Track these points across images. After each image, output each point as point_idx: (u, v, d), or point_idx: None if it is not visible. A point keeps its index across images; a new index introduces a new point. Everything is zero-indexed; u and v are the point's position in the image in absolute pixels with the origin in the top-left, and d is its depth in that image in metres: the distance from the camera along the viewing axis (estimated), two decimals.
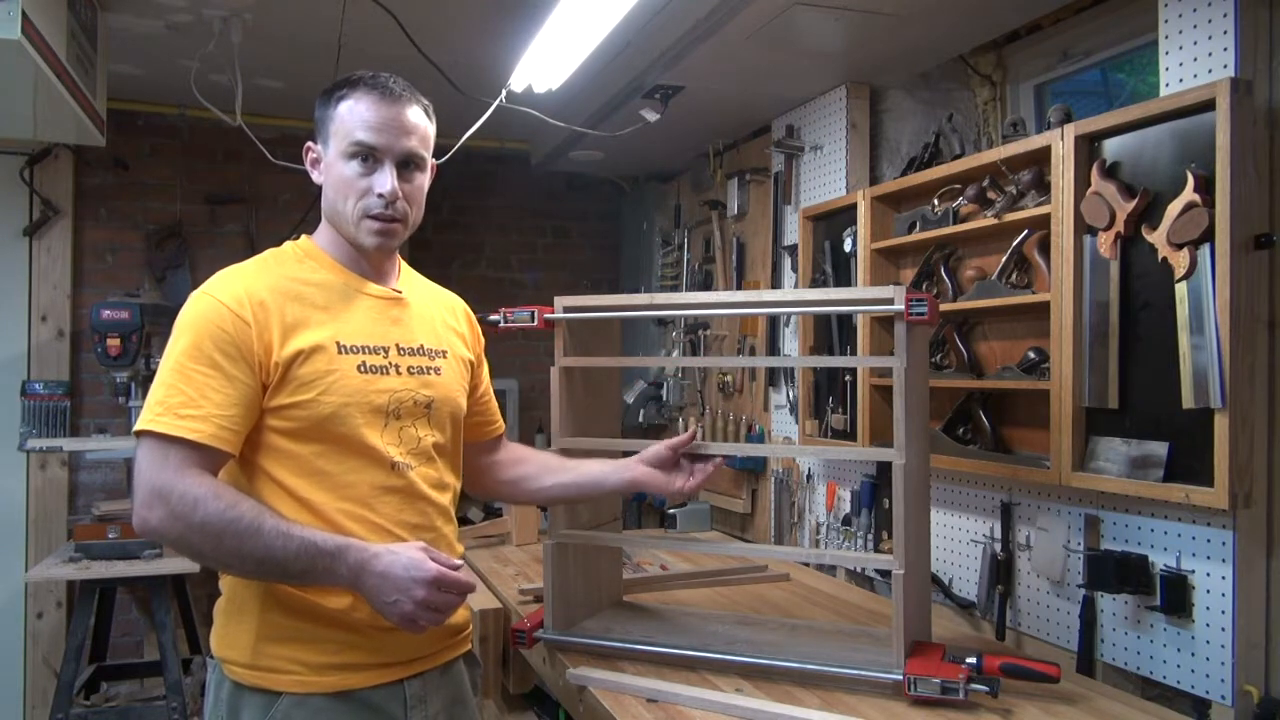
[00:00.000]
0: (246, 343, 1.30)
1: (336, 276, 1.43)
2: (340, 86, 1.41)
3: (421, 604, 1.27)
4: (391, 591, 1.26)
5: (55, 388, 3.46)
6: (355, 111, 1.38)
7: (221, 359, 1.29)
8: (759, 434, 3.21)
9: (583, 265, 4.65)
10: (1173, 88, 1.70)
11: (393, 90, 1.40)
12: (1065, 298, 1.84)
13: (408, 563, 1.27)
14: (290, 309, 1.35)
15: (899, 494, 1.62)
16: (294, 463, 1.34)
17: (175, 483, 1.23)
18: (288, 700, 1.31)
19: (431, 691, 1.44)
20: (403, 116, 1.40)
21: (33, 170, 3.58)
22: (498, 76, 2.75)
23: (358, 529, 1.35)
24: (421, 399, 1.44)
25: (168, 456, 1.25)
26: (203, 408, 1.26)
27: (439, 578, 1.28)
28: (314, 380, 1.33)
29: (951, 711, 1.53)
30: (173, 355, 1.30)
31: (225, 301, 1.32)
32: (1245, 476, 1.56)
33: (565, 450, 1.88)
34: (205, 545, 1.24)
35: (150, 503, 1.23)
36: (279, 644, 1.33)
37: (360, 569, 1.27)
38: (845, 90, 2.72)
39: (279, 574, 1.28)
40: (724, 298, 2.01)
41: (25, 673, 3.56)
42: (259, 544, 1.23)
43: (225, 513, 1.22)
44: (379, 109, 1.38)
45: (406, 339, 1.46)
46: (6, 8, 1.87)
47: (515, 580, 2.47)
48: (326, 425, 1.33)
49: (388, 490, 1.38)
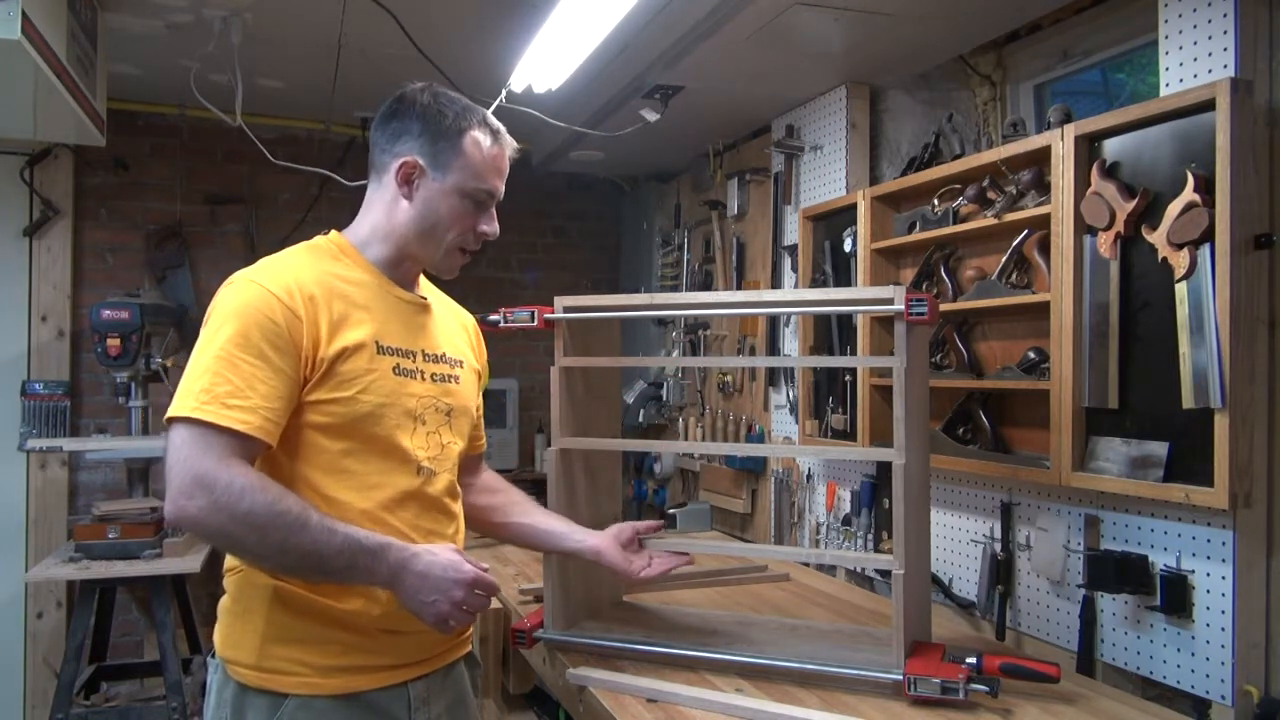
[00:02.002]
0: (296, 335, 1.30)
1: (371, 277, 1.44)
2: (461, 118, 1.43)
3: (458, 604, 1.30)
4: (430, 592, 1.29)
5: (55, 388, 3.46)
6: (488, 157, 1.45)
7: (270, 350, 1.27)
8: (759, 434, 3.21)
9: (583, 265, 4.65)
10: (1173, 88, 1.70)
11: (506, 138, 1.49)
12: (1065, 298, 1.84)
13: (446, 564, 1.30)
14: (336, 305, 1.36)
15: (899, 494, 1.61)
16: (322, 458, 1.34)
17: (220, 472, 1.21)
18: (294, 702, 1.31)
19: (435, 693, 1.45)
20: (508, 163, 1.50)
21: (33, 170, 3.58)
22: (498, 76, 2.75)
23: (376, 530, 1.35)
24: (443, 406, 1.46)
25: (210, 445, 1.22)
26: (250, 398, 1.25)
27: (476, 578, 1.31)
28: (355, 378, 1.34)
29: (951, 711, 1.53)
30: (217, 341, 1.27)
31: (276, 292, 1.30)
32: (1245, 476, 1.56)
33: (565, 450, 1.88)
34: (249, 537, 1.23)
35: (191, 491, 1.21)
36: (286, 645, 1.33)
37: (401, 568, 1.28)
38: (845, 90, 2.72)
39: (318, 569, 1.27)
40: (724, 298, 2.01)
41: (25, 673, 3.56)
42: (305, 538, 1.23)
43: (273, 505, 1.22)
44: (502, 157, 1.48)
45: (431, 346, 1.48)
46: (6, 8, 1.87)
47: (515, 580, 2.47)
48: (362, 424, 1.34)
49: (410, 495, 1.40)
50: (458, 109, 1.44)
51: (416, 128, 1.42)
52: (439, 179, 1.42)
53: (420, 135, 1.42)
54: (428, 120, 1.42)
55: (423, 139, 1.42)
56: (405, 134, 1.43)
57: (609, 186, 4.51)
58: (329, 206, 3.96)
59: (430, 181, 1.42)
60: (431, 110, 1.43)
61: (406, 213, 1.43)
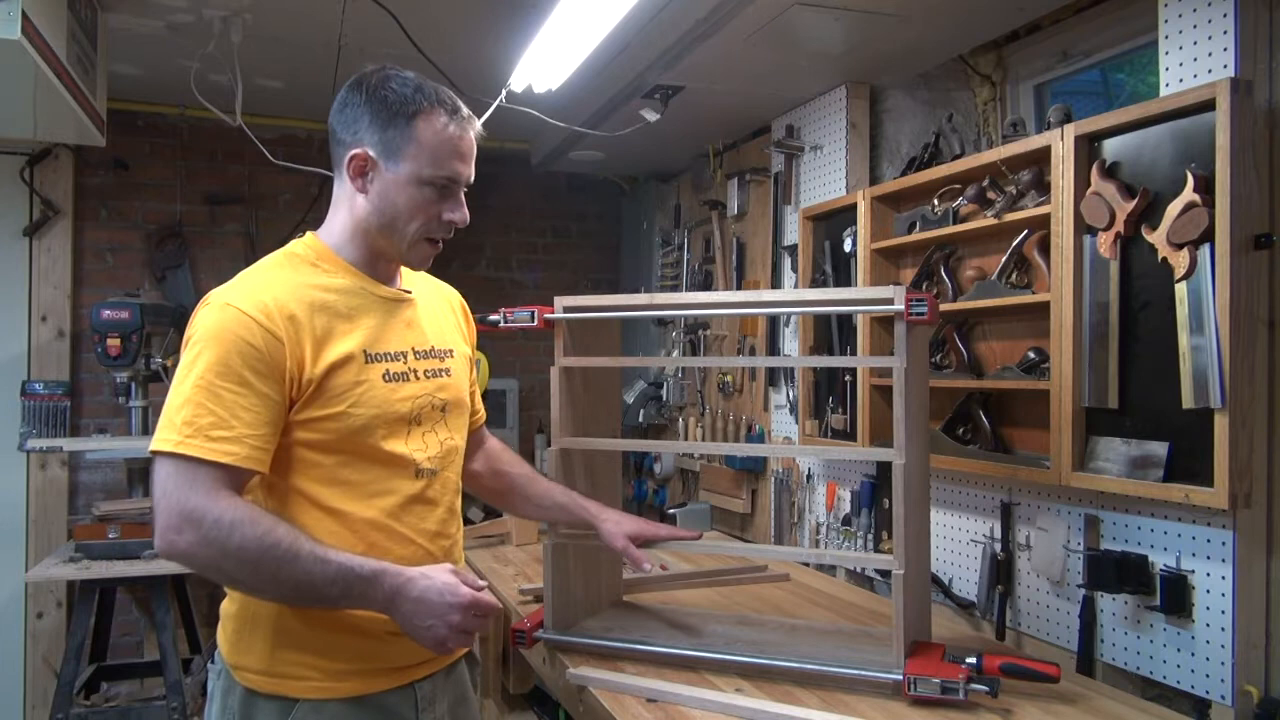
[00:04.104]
0: (278, 358, 1.26)
1: (353, 281, 1.39)
2: (410, 102, 1.33)
3: (455, 628, 1.27)
4: (427, 616, 1.26)
5: (55, 388, 3.45)
6: (443, 140, 1.34)
7: (251, 376, 1.24)
8: (759, 434, 3.21)
9: (583, 265, 4.65)
10: (1173, 88, 1.70)
11: (465, 116, 1.38)
12: (1065, 298, 1.84)
13: (443, 588, 1.27)
14: (318, 321, 1.31)
15: (899, 494, 1.62)
16: (318, 471, 1.32)
17: (208, 507, 1.19)
18: (304, 706, 1.31)
19: (439, 691, 1.45)
20: (472, 144, 1.39)
21: (33, 170, 3.58)
22: (498, 76, 2.75)
23: (383, 539, 1.35)
24: (438, 402, 1.44)
25: (196, 478, 1.21)
26: (234, 428, 1.22)
27: (474, 602, 1.28)
28: (344, 392, 1.31)
29: (951, 711, 1.53)
30: (197, 369, 1.24)
31: (254, 315, 1.26)
32: (1245, 476, 1.56)
33: (565, 450, 1.88)
34: (240, 571, 1.22)
35: (179, 527, 1.20)
36: (296, 651, 1.32)
37: (396, 593, 1.26)
38: (845, 90, 2.72)
39: (313, 599, 1.26)
40: (724, 298, 2.01)
41: (25, 673, 3.56)
42: (297, 569, 1.21)
43: (263, 539, 1.20)
44: (463, 139, 1.36)
45: (420, 342, 1.44)
46: (6, 8, 1.87)
47: (515, 580, 2.47)
48: (355, 437, 1.32)
49: (412, 500, 1.39)
50: (407, 91, 1.33)
51: (366, 116, 1.34)
52: (392, 169, 1.34)
53: (370, 124, 1.34)
54: (375, 106, 1.33)
55: (373, 128, 1.33)
56: (356, 123, 1.35)
57: (609, 186, 4.51)
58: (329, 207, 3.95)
59: (384, 173, 1.34)
60: (379, 95, 1.33)
61: (364, 208, 1.36)
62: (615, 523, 1.79)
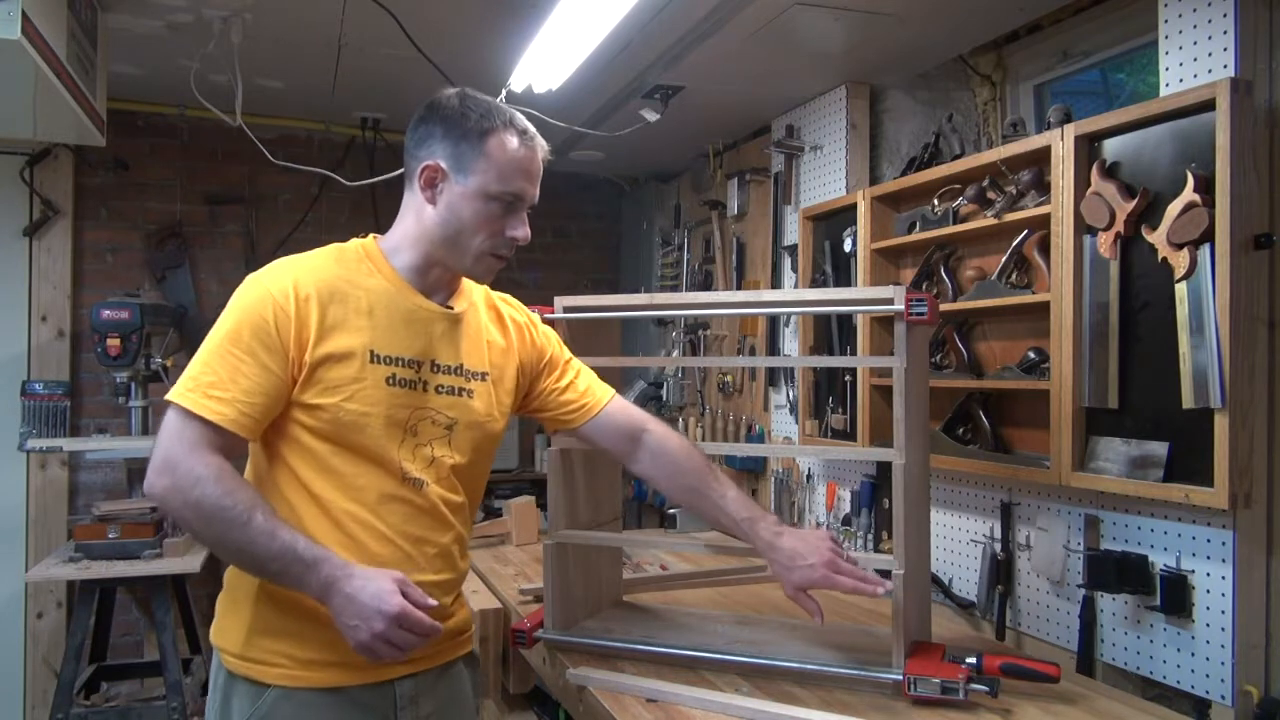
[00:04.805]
0: (284, 334, 1.32)
1: (390, 285, 1.42)
2: (484, 119, 1.39)
3: (379, 636, 1.25)
4: (353, 616, 1.25)
5: (55, 388, 3.45)
6: (512, 158, 1.40)
7: (258, 347, 1.31)
8: (759, 434, 3.21)
9: (583, 265, 4.65)
10: (1173, 88, 1.70)
11: (536, 139, 1.44)
12: (1065, 298, 1.84)
13: (375, 592, 1.25)
14: (333, 310, 1.36)
15: (899, 494, 1.62)
16: (310, 457, 1.35)
17: (185, 457, 1.26)
18: (275, 692, 1.33)
19: (424, 692, 1.44)
20: (539, 165, 1.45)
21: (33, 170, 3.58)
22: (498, 76, 2.75)
23: (360, 532, 1.35)
24: (443, 419, 1.43)
25: (185, 431, 1.28)
26: (230, 391, 1.28)
27: (402, 615, 1.25)
28: (340, 385, 1.34)
29: (951, 711, 1.53)
30: (216, 334, 1.33)
31: (273, 291, 1.34)
32: (1245, 476, 1.56)
33: (564, 450, 1.88)
34: (196, 523, 1.27)
35: (160, 469, 1.27)
36: (270, 637, 1.35)
37: (329, 585, 1.26)
38: (845, 90, 2.72)
39: (255, 569, 1.30)
40: (724, 298, 2.01)
41: (25, 673, 3.56)
42: (243, 535, 1.25)
43: (221, 499, 1.25)
44: (532, 160, 1.43)
45: (446, 357, 1.45)
46: (6, 8, 1.86)
47: (515, 580, 2.47)
48: (345, 430, 1.35)
49: (395, 500, 1.39)
50: (482, 110, 1.41)
51: (440, 131, 1.41)
52: (462, 182, 1.39)
53: (444, 138, 1.40)
54: (451, 123, 1.40)
55: (446, 141, 1.40)
56: (430, 138, 1.41)
57: (609, 186, 4.51)
58: (329, 207, 3.96)
59: (453, 185, 1.40)
60: (455, 113, 1.41)
61: (431, 218, 1.41)
62: (787, 565, 1.57)
